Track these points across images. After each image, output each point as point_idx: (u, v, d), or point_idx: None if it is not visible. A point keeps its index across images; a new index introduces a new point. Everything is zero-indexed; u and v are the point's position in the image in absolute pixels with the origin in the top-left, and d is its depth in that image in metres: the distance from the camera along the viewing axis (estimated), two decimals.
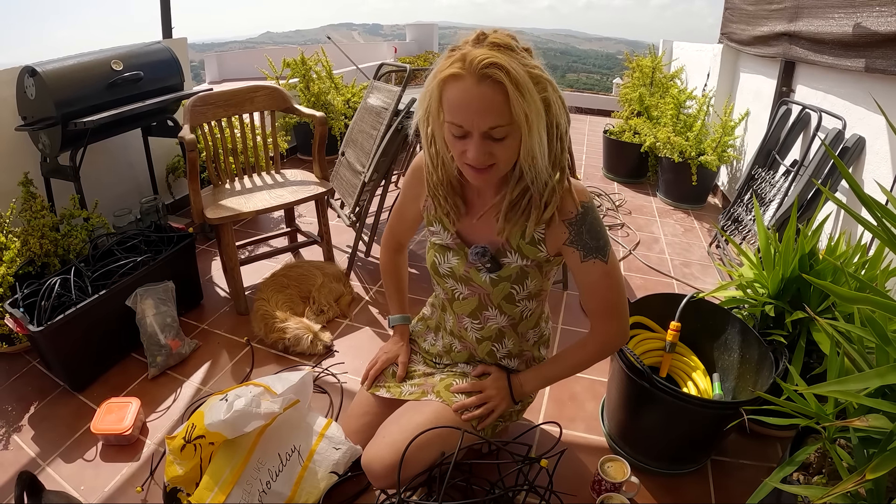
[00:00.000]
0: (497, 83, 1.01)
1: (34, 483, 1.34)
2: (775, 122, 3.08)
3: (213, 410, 1.44)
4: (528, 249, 1.30)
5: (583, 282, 1.31)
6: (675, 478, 1.67)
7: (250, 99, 2.56)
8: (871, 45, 2.17)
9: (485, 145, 1.08)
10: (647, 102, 4.56)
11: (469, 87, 1.03)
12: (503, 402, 1.43)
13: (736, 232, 3.10)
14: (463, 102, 1.04)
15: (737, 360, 1.74)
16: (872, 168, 2.27)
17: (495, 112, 1.03)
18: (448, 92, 1.06)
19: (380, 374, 1.59)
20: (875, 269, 1.53)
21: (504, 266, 1.32)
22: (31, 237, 2.19)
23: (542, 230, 1.27)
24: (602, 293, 1.31)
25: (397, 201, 1.54)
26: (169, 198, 3.47)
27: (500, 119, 1.04)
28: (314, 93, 4.48)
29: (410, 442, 1.30)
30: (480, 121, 1.04)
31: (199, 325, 2.40)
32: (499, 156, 1.10)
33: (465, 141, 1.10)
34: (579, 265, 1.27)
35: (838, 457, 1.11)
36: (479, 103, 1.03)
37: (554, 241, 1.28)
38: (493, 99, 1.02)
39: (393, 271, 1.69)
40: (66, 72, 2.34)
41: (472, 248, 1.31)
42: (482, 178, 1.15)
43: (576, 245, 1.26)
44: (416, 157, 1.42)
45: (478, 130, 1.06)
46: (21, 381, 2.06)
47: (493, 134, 1.06)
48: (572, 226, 1.25)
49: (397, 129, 2.53)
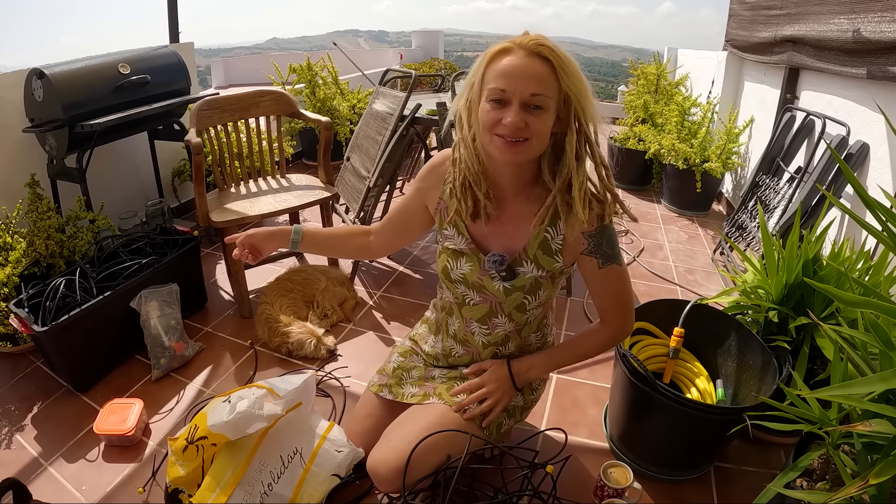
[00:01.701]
0: (545, 59, 1.09)
1: (21, 491, 1.30)
2: (779, 128, 3.08)
3: (216, 412, 1.44)
4: (545, 260, 1.30)
5: (599, 286, 1.33)
6: (677, 484, 1.66)
7: (256, 103, 2.58)
8: (873, 52, 2.16)
9: (522, 113, 1.10)
10: (651, 109, 4.56)
11: (518, 58, 1.10)
12: (506, 394, 1.42)
13: (740, 239, 3.09)
14: (510, 69, 1.10)
15: (740, 366, 1.73)
16: (876, 174, 2.26)
17: (541, 80, 1.09)
18: (495, 64, 1.12)
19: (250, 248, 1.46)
20: (879, 275, 1.53)
21: (519, 276, 1.32)
22: (36, 238, 2.20)
23: (559, 241, 1.28)
24: (617, 293, 1.34)
25: (405, 194, 1.51)
26: (174, 201, 3.49)
27: (543, 88, 1.09)
28: (320, 98, 4.51)
29: (417, 445, 1.29)
30: (525, 84, 1.08)
31: (202, 328, 2.41)
32: (533, 129, 1.11)
33: (502, 110, 1.11)
34: (597, 272, 1.29)
35: (842, 463, 1.10)
36: (527, 70, 1.09)
37: (571, 252, 1.29)
38: (540, 69, 1.09)
39: (345, 228, 1.61)
40: (74, 74, 2.36)
41: (488, 256, 1.30)
42: (513, 152, 1.14)
43: (595, 255, 1.27)
44: (436, 154, 1.42)
45: (519, 96, 1.09)
46: (24, 381, 2.07)
47: (534, 101, 1.09)
48: (591, 237, 1.26)
49: (402, 135, 2.54)
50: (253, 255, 1.45)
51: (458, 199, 1.30)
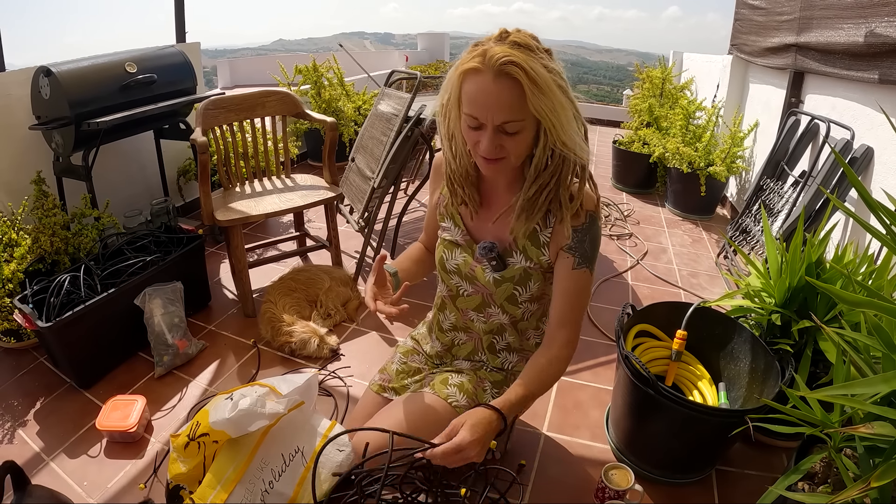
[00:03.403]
0: (514, 80, 1.05)
1: (20, 475, 1.31)
2: (784, 132, 3.08)
3: (218, 409, 1.44)
4: (533, 252, 1.31)
5: (565, 288, 1.29)
6: (679, 487, 1.66)
7: (262, 103, 2.59)
8: (884, 55, 2.16)
9: (497, 138, 1.12)
10: (656, 113, 4.56)
11: (486, 82, 1.07)
12: (484, 447, 1.15)
13: (744, 243, 3.09)
14: (480, 96, 1.09)
15: (743, 369, 1.73)
16: (880, 178, 2.26)
17: (510, 107, 1.08)
18: (467, 85, 1.11)
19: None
20: (882, 279, 1.52)
21: (509, 266, 1.34)
22: (42, 235, 2.21)
23: (548, 234, 1.29)
24: (578, 301, 1.30)
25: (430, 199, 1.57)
26: (179, 200, 3.50)
27: (513, 114, 1.09)
28: (325, 99, 4.52)
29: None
30: (495, 115, 1.09)
31: (206, 327, 2.42)
32: (510, 149, 1.14)
33: (479, 132, 1.14)
34: (569, 272, 1.28)
35: (844, 466, 1.10)
36: (495, 98, 1.07)
37: (555, 246, 1.29)
38: (509, 94, 1.07)
39: (412, 249, 1.61)
40: (81, 73, 2.37)
41: (480, 244, 1.33)
42: (492, 169, 1.19)
43: (574, 252, 1.26)
44: (437, 155, 1.44)
45: (491, 123, 1.10)
46: (28, 377, 2.08)
47: (507, 128, 1.10)
48: (577, 233, 1.26)
49: (407, 136, 2.55)
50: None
51: (451, 197, 1.38)
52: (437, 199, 1.46)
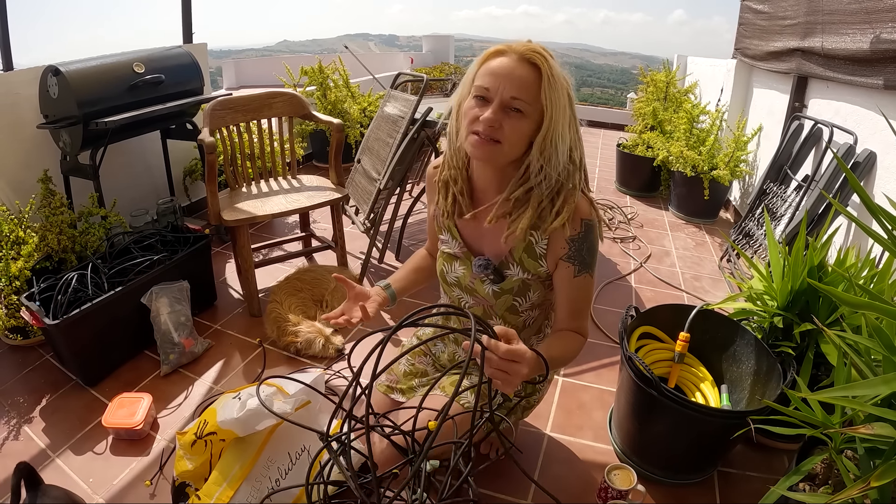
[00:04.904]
0: (535, 66, 1.11)
1: (32, 475, 1.31)
2: (787, 137, 3.08)
3: (226, 408, 1.46)
4: (530, 263, 1.31)
5: (569, 296, 1.30)
6: (681, 487, 1.67)
7: (269, 104, 2.61)
8: (889, 61, 2.16)
9: (500, 114, 1.12)
10: (660, 117, 4.57)
11: (509, 61, 1.12)
12: (528, 375, 1.05)
13: (747, 247, 3.09)
14: (497, 69, 1.12)
15: (745, 371, 1.74)
16: (883, 183, 2.26)
17: (524, 85, 1.11)
18: (486, 64, 1.15)
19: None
20: (883, 282, 1.53)
21: (507, 278, 1.33)
22: (49, 233, 2.23)
23: (544, 245, 1.28)
24: (584, 304, 1.32)
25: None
26: (185, 200, 3.52)
27: (524, 93, 1.11)
28: (331, 101, 4.54)
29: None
30: (507, 85, 1.11)
31: (212, 326, 2.43)
32: (507, 133, 1.13)
33: (483, 107, 1.14)
34: (571, 280, 1.28)
35: (844, 467, 1.11)
36: (513, 72, 1.11)
37: (553, 256, 1.29)
38: (527, 75, 1.11)
39: (414, 257, 1.64)
40: (89, 72, 2.40)
41: (475, 260, 1.34)
42: (485, 150, 1.15)
43: (573, 261, 1.26)
44: (429, 168, 1.45)
45: (500, 96, 1.11)
46: (34, 374, 2.09)
47: (514, 104, 1.11)
48: (573, 242, 1.25)
49: (413, 138, 2.56)
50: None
51: (440, 197, 1.37)
52: (433, 211, 1.46)
